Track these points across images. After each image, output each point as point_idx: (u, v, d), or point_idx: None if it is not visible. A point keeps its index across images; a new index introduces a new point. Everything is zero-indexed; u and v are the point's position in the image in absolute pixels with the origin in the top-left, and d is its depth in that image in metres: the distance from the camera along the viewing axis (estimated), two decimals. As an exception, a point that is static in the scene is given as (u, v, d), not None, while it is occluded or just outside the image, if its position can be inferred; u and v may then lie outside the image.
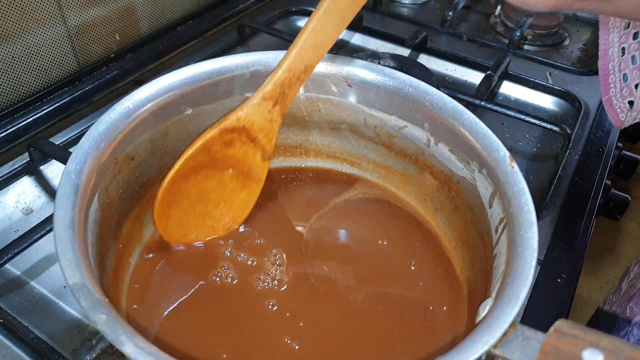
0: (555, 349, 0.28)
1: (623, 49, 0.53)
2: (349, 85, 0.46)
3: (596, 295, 1.55)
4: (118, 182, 0.40)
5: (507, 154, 0.39)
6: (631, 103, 0.53)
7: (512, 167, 0.38)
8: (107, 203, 0.38)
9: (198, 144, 0.41)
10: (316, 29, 0.39)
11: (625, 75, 0.53)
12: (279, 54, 0.44)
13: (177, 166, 0.41)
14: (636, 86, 0.52)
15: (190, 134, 0.45)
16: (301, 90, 0.47)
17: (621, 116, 0.55)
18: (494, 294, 0.33)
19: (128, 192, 0.42)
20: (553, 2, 0.35)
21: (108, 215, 0.38)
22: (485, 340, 0.28)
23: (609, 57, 0.54)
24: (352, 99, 0.47)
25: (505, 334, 0.29)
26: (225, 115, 0.42)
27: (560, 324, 0.28)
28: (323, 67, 0.46)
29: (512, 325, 0.29)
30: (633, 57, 0.52)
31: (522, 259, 0.32)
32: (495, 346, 0.29)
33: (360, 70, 0.46)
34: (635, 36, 0.52)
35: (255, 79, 0.45)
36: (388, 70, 0.46)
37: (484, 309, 0.32)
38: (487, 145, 0.40)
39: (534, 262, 0.32)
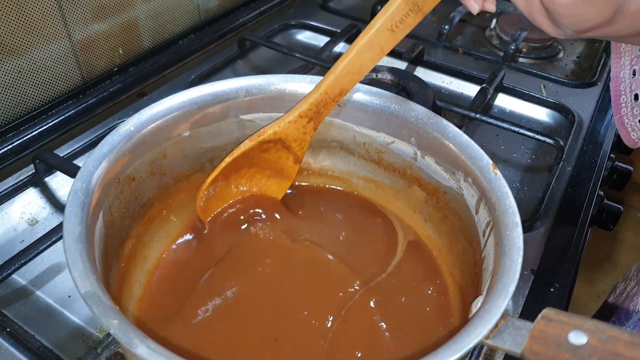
0: (543, 334, 0.30)
1: (634, 71, 0.56)
2: (338, 105, 0.48)
3: (594, 304, 1.56)
4: (120, 201, 0.42)
5: (490, 161, 0.41)
6: None
7: (496, 174, 0.40)
8: (110, 221, 0.40)
9: (237, 153, 0.46)
10: (355, 59, 0.42)
11: (636, 95, 0.56)
12: (270, 78, 0.48)
13: (218, 170, 0.46)
14: None
15: (187, 155, 0.48)
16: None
17: (633, 135, 0.57)
18: (484, 292, 0.35)
19: (129, 211, 0.43)
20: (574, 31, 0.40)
21: (111, 233, 0.40)
22: (478, 332, 0.30)
23: (621, 79, 0.57)
24: (341, 118, 0.50)
25: (496, 326, 0.31)
26: (263, 128, 0.46)
27: (547, 311, 0.31)
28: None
29: (503, 317, 0.31)
30: None
31: (509, 257, 0.34)
32: (487, 337, 0.31)
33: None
34: None
35: (249, 101, 0.48)
36: (375, 89, 0.48)
37: (476, 306, 0.34)
38: (470, 155, 0.42)
39: (520, 259, 0.34)
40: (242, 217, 0.50)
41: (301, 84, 0.48)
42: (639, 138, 0.57)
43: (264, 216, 0.50)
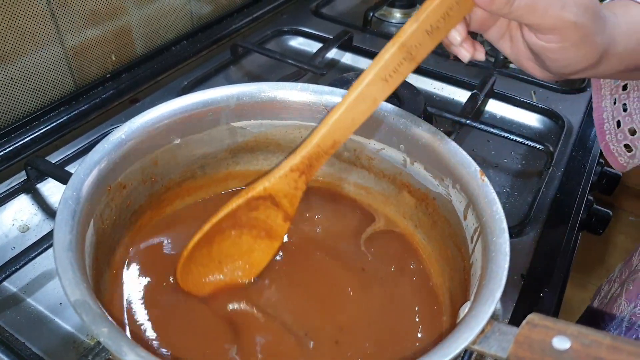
0: (528, 339, 0.30)
1: (615, 99, 0.58)
2: (328, 112, 0.48)
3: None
4: (111, 209, 0.42)
5: (478, 168, 0.42)
6: (627, 146, 0.58)
7: (483, 181, 0.41)
8: (101, 229, 0.40)
9: (224, 212, 0.42)
10: (347, 111, 0.40)
11: (618, 122, 0.59)
12: (261, 85, 0.48)
13: (202, 231, 0.42)
14: (630, 131, 0.57)
15: (178, 163, 0.48)
16: (284, 118, 0.50)
17: (620, 160, 0.59)
18: (472, 297, 0.35)
19: (120, 219, 0.43)
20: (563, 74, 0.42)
21: (102, 240, 0.40)
22: (465, 337, 0.31)
23: (603, 109, 0.59)
24: None
25: (483, 331, 0.31)
26: (251, 185, 0.43)
27: (532, 317, 0.31)
28: (304, 97, 0.49)
29: (489, 322, 0.32)
30: (624, 105, 0.57)
31: (496, 263, 0.35)
32: (474, 342, 0.31)
33: (338, 98, 0.49)
34: (624, 88, 0.58)
35: (240, 109, 0.48)
36: None
37: (464, 311, 0.34)
38: (459, 162, 0.43)
39: (507, 265, 0.35)
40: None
41: (292, 92, 0.49)
42: (627, 162, 0.59)
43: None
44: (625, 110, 0.58)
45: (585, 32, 0.38)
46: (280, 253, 0.48)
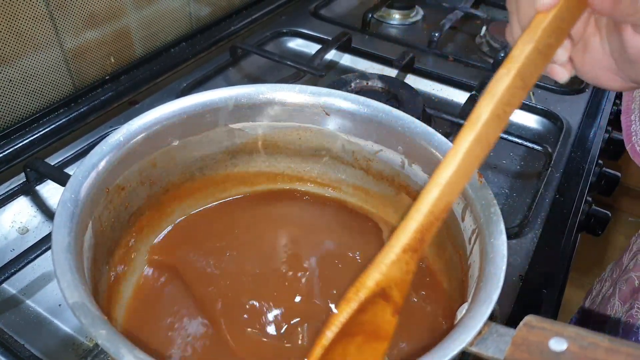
0: (525, 341, 0.30)
1: None
2: (327, 114, 0.49)
3: (586, 308, 1.57)
4: (110, 211, 0.42)
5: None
6: None
7: (481, 182, 0.41)
8: (99, 231, 0.40)
9: (336, 329, 0.32)
10: (463, 161, 0.32)
11: None
12: (259, 87, 0.48)
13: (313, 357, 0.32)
14: None
15: (177, 165, 0.48)
16: (283, 120, 0.50)
17: None
18: (470, 299, 0.35)
19: (119, 220, 0.43)
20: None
21: (101, 242, 0.40)
22: (462, 339, 0.31)
23: (632, 110, 0.59)
24: (330, 126, 0.50)
25: (480, 333, 0.31)
26: (357, 283, 0.33)
27: (529, 318, 0.31)
28: (302, 98, 0.49)
29: (487, 324, 0.32)
30: None
31: (493, 265, 0.35)
32: (471, 344, 0.31)
33: (337, 99, 0.49)
34: None
35: (239, 110, 0.48)
36: (362, 98, 0.49)
37: (461, 313, 0.34)
38: None
39: (504, 266, 0.35)
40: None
41: (290, 93, 0.49)
42: None
43: None
44: None
45: None
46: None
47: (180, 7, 0.86)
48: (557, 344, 0.29)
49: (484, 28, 1.02)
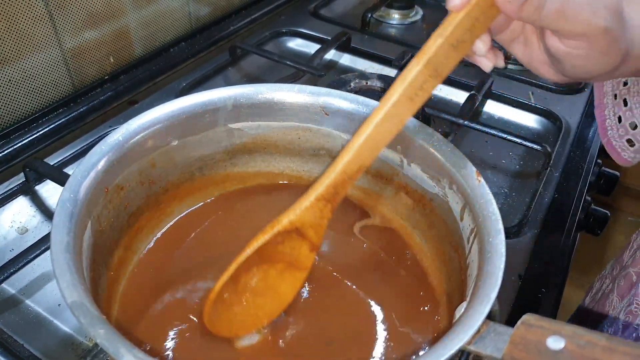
0: (523, 339, 0.30)
1: (615, 95, 0.58)
2: (326, 113, 0.49)
3: (585, 307, 1.57)
4: (109, 211, 0.42)
5: (474, 169, 0.42)
6: (629, 141, 0.58)
7: (479, 181, 0.41)
8: (99, 231, 0.40)
9: (250, 250, 0.40)
10: (374, 133, 0.38)
11: (619, 117, 0.58)
12: (258, 87, 0.48)
13: (228, 272, 0.40)
14: (631, 125, 0.58)
15: (176, 164, 0.48)
16: (282, 120, 0.50)
17: (623, 155, 0.60)
18: (468, 298, 0.35)
19: (118, 220, 0.44)
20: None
21: (100, 242, 0.40)
22: (460, 337, 0.31)
23: (604, 105, 0.59)
24: (329, 126, 0.50)
25: (478, 331, 0.31)
26: (276, 219, 0.40)
27: (527, 317, 0.31)
28: (302, 98, 0.49)
29: (485, 323, 0.32)
30: (625, 101, 0.57)
31: (491, 264, 0.35)
32: (469, 343, 0.31)
33: (336, 99, 0.49)
34: (624, 83, 0.57)
35: (238, 110, 0.48)
36: (361, 98, 0.49)
37: (460, 311, 0.34)
38: (455, 163, 0.43)
39: (502, 266, 0.35)
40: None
41: (289, 93, 0.49)
42: (631, 157, 0.59)
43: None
44: (625, 104, 0.58)
45: (614, 38, 0.36)
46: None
47: (180, 6, 0.86)
48: (555, 343, 0.29)
49: (483, 28, 1.02)
